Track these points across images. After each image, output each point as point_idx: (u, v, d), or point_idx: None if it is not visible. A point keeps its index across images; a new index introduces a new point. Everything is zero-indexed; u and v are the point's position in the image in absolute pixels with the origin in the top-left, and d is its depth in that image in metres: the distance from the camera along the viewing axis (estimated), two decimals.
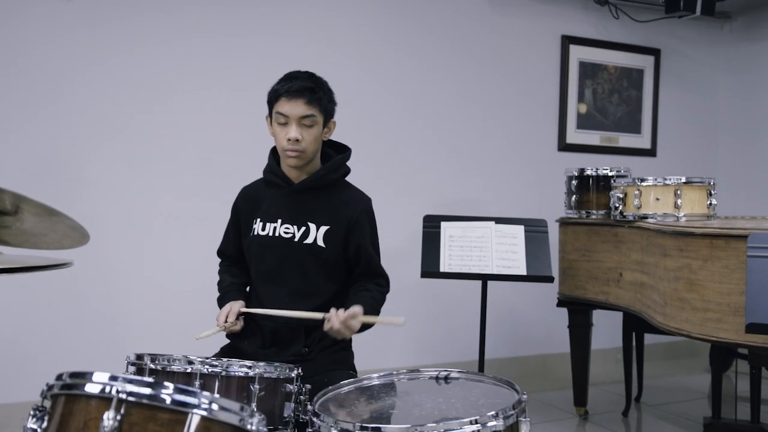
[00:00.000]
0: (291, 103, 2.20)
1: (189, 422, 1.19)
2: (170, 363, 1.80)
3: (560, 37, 4.74)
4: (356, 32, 4.15)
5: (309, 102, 2.21)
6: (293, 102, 2.20)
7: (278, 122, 2.23)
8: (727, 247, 2.42)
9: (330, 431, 1.56)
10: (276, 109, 2.23)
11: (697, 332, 2.53)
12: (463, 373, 1.88)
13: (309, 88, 2.22)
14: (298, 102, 2.20)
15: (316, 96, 2.22)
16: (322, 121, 2.26)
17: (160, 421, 1.16)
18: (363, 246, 2.30)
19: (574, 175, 3.57)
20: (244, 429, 1.24)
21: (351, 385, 1.83)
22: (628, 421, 3.88)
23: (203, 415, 1.20)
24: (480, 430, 1.54)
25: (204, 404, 1.22)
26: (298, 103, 2.20)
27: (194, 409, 1.20)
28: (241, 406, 1.26)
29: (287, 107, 2.20)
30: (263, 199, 2.36)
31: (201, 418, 1.20)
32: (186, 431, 1.18)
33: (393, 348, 4.30)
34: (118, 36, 3.60)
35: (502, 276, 3.23)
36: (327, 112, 2.27)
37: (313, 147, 2.26)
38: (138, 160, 3.65)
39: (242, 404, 1.26)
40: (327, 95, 2.28)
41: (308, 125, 2.23)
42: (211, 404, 1.23)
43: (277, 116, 2.23)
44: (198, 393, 1.21)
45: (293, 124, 2.21)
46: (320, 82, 2.28)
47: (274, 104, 2.24)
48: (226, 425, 1.22)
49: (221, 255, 2.50)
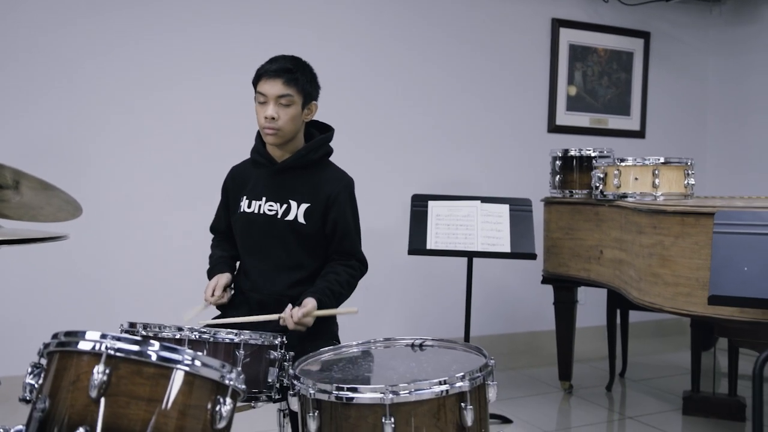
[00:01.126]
0: (269, 83, 2.31)
1: (173, 376, 1.31)
2: (161, 330, 1.91)
3: (550, 20, 4.82)
4: (348, 16, 4.24)
5: (286, 82, 2.31)
6: (271, 82, 2.31)
7: (258, 101, 2.35)
8: (697, 224, 2.53)
9: (309, 392, 1.68)
10: (257, 89, 2.35)
11: (668, 306, 2.64)
12: (437, 340, 2.00)
13: (287, 69, 2.33)
14: (276, 82, 2.31)
15: (293, 76, 2.33)
16: (301, 102, 2.35)
17: (146, 374, 1.27)
18: (340, 222, 2.40)
19: (558, 155, 3.67)
20: (223, 384, 1.35)
21: (330, 352, 1.94)
22: (611, 395, 4.00)
23: (186, 370, 1.32)
24: (448, 390, 1.66)
25: (187, 360, 1.33)
26: (276, 83, 2.31)
27: (178, 364, 1.32)
28: (221, 363, 1.37)
29: (266, 87, 2.32)
30: (250, 177, 2.48)
31: (185, 373, 1.32)
32: (170, 385, 1.29)
33: (384, 324, 4.42)
34: (119, 22, 3.70)
35: (487, 253, 3.35)
36: (306, 93, 2.36)
37: (290, 126, 2.35)
38: (135, 141, 3.76)
39: (223, 362, 1.37)
40: (306, 77, 2.37)
41: (285, 104, 2.32)
42: (194, 361, 1.35)
43: (257, 95, 2.34)
44: (182, 350, 1.33)
45: (271, 102, 2.32)
46: (301, 64, 2.38)
47: (256, 84, 2.35)
48: (207, 380, 1.34)
49: (213, 231, 2.62)
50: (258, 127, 2.40)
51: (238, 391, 1.40)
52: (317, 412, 1.67)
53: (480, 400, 1.75)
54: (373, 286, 4.35)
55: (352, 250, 2.45)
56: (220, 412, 1.33)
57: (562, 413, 3.75)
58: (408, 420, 1.62)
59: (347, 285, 2.39)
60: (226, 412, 1.34)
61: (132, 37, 3.73)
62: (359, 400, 1.63)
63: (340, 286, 2.36)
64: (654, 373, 4.41)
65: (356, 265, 2.44)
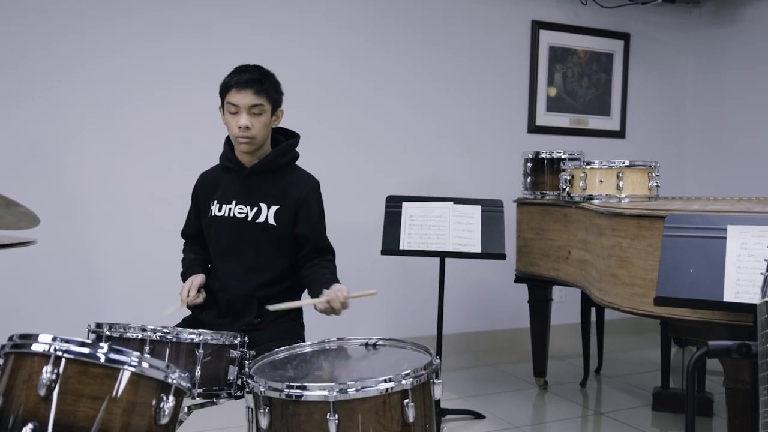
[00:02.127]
0: (241, 94, 2.42)
1: (120, 376, 1.41)
2: (126, 330, 2.01)
3: (530, 22, 4.90)
4: (326, 18, 4.31)
5: (257, 92, 2.43)
6: (243, 92, 2.42)
7: (230, 111, 2.45)
8: (652, 226, 2.61)
9: (260, 390, 1.78)
10: (227, 100, 2.45)
11: (626, 306, 2.73)
12: (389, 340, 2.10)
13: (257, 79, 2.44)
14: (246, 92, 2.42)
15: (263, 87, 2.45)
16: (270, 110, 2.47)
17: (92, 374, 1.37)
18: (312, 221, 2.53)
19: (530, 157, 3.75)
20: (166, 383, 1.45)
21: (286, 352, 2.04)
22: (585, 392, 4.10)
23: (132, 370, 1.42)
24: (393, 388, 1.75)
25: (134, 362, 1.43)
26: (246, 94, 2.42)
27: (125, 365, 1.42)
28: (166, 365, 1.47)
29: (237, 97, 2.42)
30: (219, 182, 2.59)
31: (131, 373, 1.42)
32: (117, 384, 1.39)
33: (364, 322, 4.51)
34: (102, 28, 3.78)
35: (458, 253, 3.44)
36: (274, 101, 2.49)
37: (263, 134, 2.48)
38: (115, 145, 3.85)
39: (167, 363, 1.47)
40: (274, 86, 2.49)
41: (257, 113, 2.44)
42: (141, 362, 1.44)
43: (228, 106, 2.45)
44: (129, 353, 1.43)
45: (243, 112, 2.43)
46: (267, 74, 2.50)
47: (226, 95, 2.46)
48: (152, 379, 1.44)
49: (184, 236, 2.73)
50: (230, 136, 2.51)
51: (182, 389, 1.49)
52: (267, 408, 1.77)
53: (424, 398, 1.85)
54: (353, 284, 4.46)
55: (327, 245, 2.60)
56: (163, 409, 1.43)
57: (534, 409, 3.84)
58: (352, 416, 1.71)
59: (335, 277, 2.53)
60: (169, 409, 1.44)
61: (115, 43, 3.82)
62: (307, 398, 1.72)
63: (334, 277, 2.51)
64: (629, 369, 4.50)
65: (332, 259, 2.60)
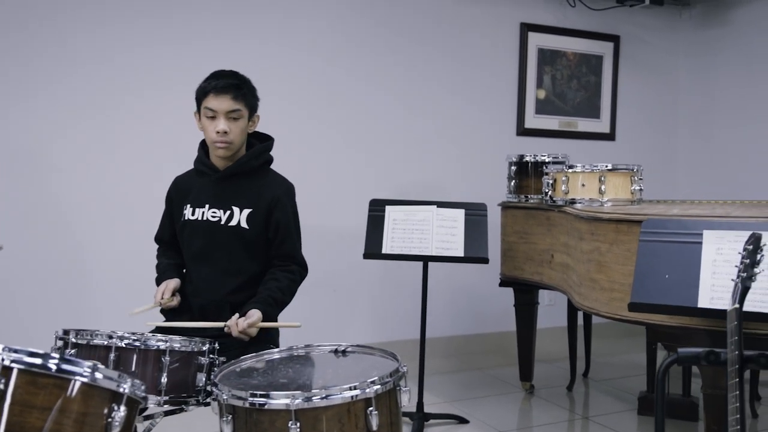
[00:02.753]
0: (218, 99, 2.42)
1: (71, 387, 1.39)
2: (93, 337, 2.00)
3: (519, 24, 4.88)
4: (312, 20, 4.30)
5: (235, 97, 2.43)
6: (221, 98, 2.42)
7: (207, 116, 2.45)
8: (630, 231, 2.60)
9: (223, 398, 1.77)
10: (205, 105, 2.45)
11: (604, 311, 2.71)
12: (358, 347, 2.08)
13: (235, 84, 2.45)
14: (224, 98, 2.42)
15: (241, 92, 2.45)
16: (247, 115, 2.48)
17: (41, 384, 1.36)
18: (281, 225, 2.51)
19: (514, 161, 3.74)
20: (118, 392, 1.44)
21: (253, 359, 2.03)
22: (572, 395, 4.08)
23: (84, 381, 1.40)
24: (358, 395, 1.74)
25: (86, 372, 1.42)
26: (224, 99, 2.42)
27: (76, 376, 1.40)
28: (118, 374, 1.46)
29: (215, 103, 2.42)
30: (193, 186, 2.58)
31: (82, 383, 1.40)
32: (68, 394, 1.38)
33: (352, 326, 4.51)
34: (88, 33, 3.77)
35: (441, 257, 3.43)
36: (251, 106, 2.50)
37: (240, 139, 2.48)
38: (101, 150, 3.84)
39: (120, 372, 1.45)
40: (251, 91, 2.50)
41: (235, 118, 2.45)
42: (94, 373, 1.43)
43: (205, 111, 2.45)
44: (81, 363, 1.41)
45: (221, 117, 2.43)
46: (244, 79, 2.51)
47: (203, 100, 2.46)
48: (104, 390, 1.43)
49: (158, 241, 2.71)
50: (207, 140, 2.50)
51: (135, 399, 1.48)
52: (231, 416, 1.76)
53: (390, 405, 1.83)
54: (341, 288, 4.47)
55: (292, 253, 2.55)
56: (114, 419, 1.42)
57: (519, 413, 3.82)
58: (315, 424, 1.70)
59: (288, 290, 2.50)
60: (119, 418, 1.43)
61: (101, 47, 3.81)
62: (270, 406, 1.71)
63: (282, 293, 2.46)
64: (617, 373, 4.48)
65: (296, 270, 2.53)
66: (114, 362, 1.94)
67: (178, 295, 2.49)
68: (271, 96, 4.06)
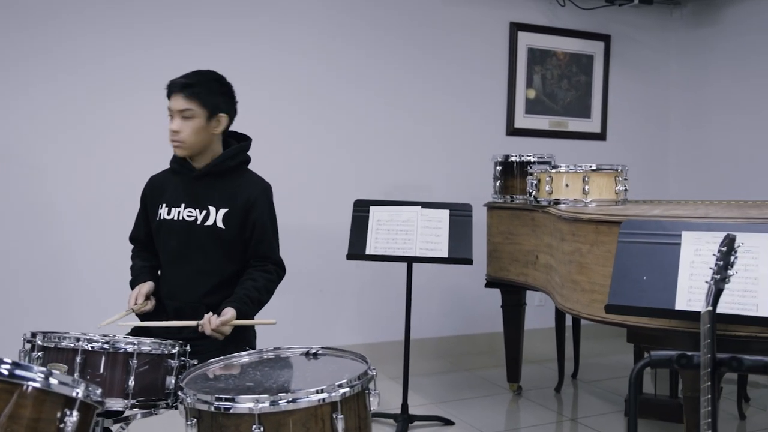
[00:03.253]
0: (173, 99, 2.42)
1: (23, 392, 1.37)
2: (60, 340, 1.97)
3: (508, 23, 4.86)
4: (301, 19, 4.28)
5: (186, 96, 2.40)
6: (174, 97, 2.42)
7: (169, 116, 2.44)
8: (610, 232, 2.57)
9: (187, 402, 1.74)
10: (168, 105, 2.44)
11: (585, 312, 2.69)
12: (329, 349, 2.06)
13: (187, 84, 2.41)
14: (177, 97, 2.41)
15: (193, 90, 2.40)
16: (205, 115, 2.42)
17: None
18: (258, 225, 2.48)
19: (499, 161, 3.71)
20: (71, 397, 1.42)
21: (222, 362, 2.01)
22: (560, 397, 4.05)
23: (36, 386, 1.38)
24: (325, 399, 1.71)
25: (39, 377, 1.40)
26: (177, 98, 2.41)
27: (29, 381, 1.38)
28: (73, 379, 1.44)
29: (171, 102, 2.43)
30: (168, 186, 2.55)
31: (34, 388, 1.38)
32: (19, 400, 1.36)
33: (339, 326, 4.49)
34: (74, 35, 3.75)
35: (425, 258, 3.40)
36: (211, 105, 2.43)
37: (194, 138, 2.42)
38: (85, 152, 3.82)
39: (74, 377, 1.43)
40: (209, 90, 2.44)
41: (187, 117, 2.41)
42: (48, 378, 1.41)
43: (168, 111, 2.44)
44: (32, 368, 1.39)
45: (175, 117, 2.42)
46: (206, 78, 2.46)
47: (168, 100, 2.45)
48: (57, 395, 1.41)
49: (133, 241, 2.68)
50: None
51: (89, 404, 1.46)
52: (195, 421, 1.74)
53: (359, 409, 1.81)
54: (329, 289, 4.45)
55: (269, 253, 2.52)
56: (66, 424, 1.40)
57: (506, 415, 3.80)
58: (278, 429, 1.68)
59: (265, 290, 2.47)
60: (72, 423, 1.41)
61: (87, 49, 3.79)
62: (236, 410, 1.69)
63: (258, 292, 2.43)
64: (606, 374, 4.45)
65: (273, 269, 2.51)
66: (81, 365, 1.91)
67: (152, 299, 2.46)
68: (258, 95, 4.08)
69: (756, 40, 4.80)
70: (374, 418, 3.53)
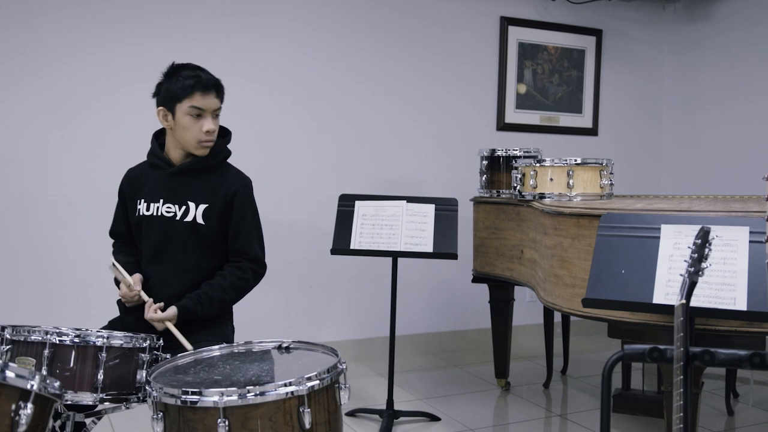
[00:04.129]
0: (206, 98, 2.37)
1: None
2: (29, 334, 1.96)
3: (499, 18, 4.83)
4: (291, 12, 4.25)
5: (218, 95, 2.41)
6: (208, 96, 2.37)
7: (191, 114, 2.36)
8: (591, 226, 2.55)
9: (154, 396, 1.73)
10: (191, 103, 2.35)
11: (567, 307, 2.67)
12: (301, 343, 2.04)
13: (219, 83, 2.42)
14: (211, 95, 2.38)
15: (222, 90, 2.44)
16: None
17: None
18: (237, 218, 2.46)
19: (485, 155, 3.69)
20: (26, 390, 1.40)
21: (191, 356, 1.99)
22: (548, 393, 4.03)
23: None
24: (294, 392, 1.69)
25: None
26: (211, 97, 2.38)
27: None
28: (30, 371, 1.42)
29: (203, 101, 2.36)
30: (146, 180, 2.52)
31: None
32: None
33: (329, 322, 4.47)
34: (59, 32, 3.73)
35: (409, 253, 3.38)
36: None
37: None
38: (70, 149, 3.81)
39: (31, 370, 1.41)
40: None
41: (217, 116, 2.43)
42: (4, 371, 1.39)
43: (190, 109, 2.36)
44: None
45: (209, 116, 2.38)
46: None
47: (185, 98, 2.35)
48: (11, 387, 1.39)
49: (113, 235, 2.66)
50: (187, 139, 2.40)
51: (46, 396, 1.44)
52: (162, 414, 1.72)
53: (328, 403, 1.79)
54: (318, 284, 4.43)
55: (245, 249, 2.47)
56: (21, 417, 1.38)
57: (493, 411, 3.78)
58: (243, 422, 1.66)
59: (233, 289, 2.42)
60: (25, 416, 1.39)
61: (71, 46, 3.77)
62: (202, 404, 1.67)
63: (224, 292, 2.40)
64: (595, 370, 4.43)
65: (248, 267, 2.47)
66: (49, 359, 1.90)
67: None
68: (245, 88, 4.06)
69: (749, 34, 4.77)
70: (359, 413, 3.53)
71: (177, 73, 2.39)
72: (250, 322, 3.26)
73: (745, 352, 1.76)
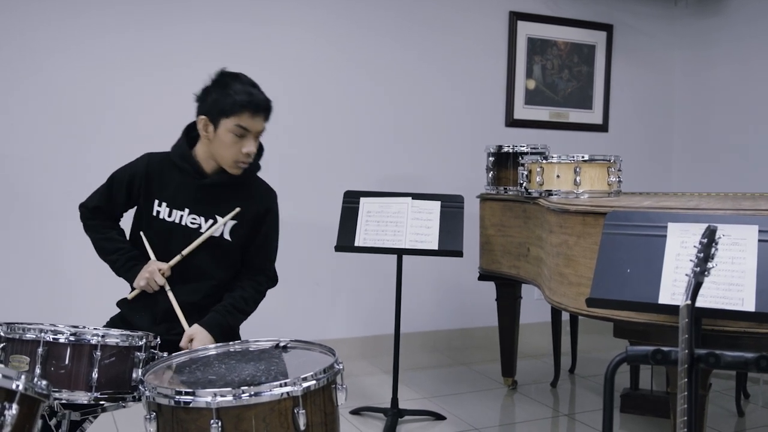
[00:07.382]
0: (255, 119, 2.26)
1: None
2: (24, 332, 1.94)
3: (508, 13, 4.78)
4: (296, 7, 4.22)
5: (266, 118, 2.32)
6: (257, 118, 2.26)
7: (235, 133, 2.25)
8: (596, 224, 2.50)
9: (147, 396, 1.70)
10: (237, 122, 2.23)
11: (572, 306, 2.62)
12: (298, 342, 2.01)
13: (269, 105, 2.31)
14: (260, 118, 2.28)
15: (271, 112, 2.33)
16: None
17: None
18: (263, 235, 2.42)
19: (492, 151, 3.64)
20: (11, 390, 1.38)
21: (186, 356, 1.96)
22: (555, 392, 3.99)
23: None
24: (290, 392, 1.66)
25: None
26: (259, 119, 2.28)
27: None
28: (17, 372, 1.39)
29: (251, 122, 2.25)
30: (170, 182, 2.37)
31: None
32: None
33: (335, 320, 4.44)
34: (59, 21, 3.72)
35: (414, 251, 3.34)
36: None
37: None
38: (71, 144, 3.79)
39: (17, 371, 1.39)
40: None
41: (259, 137, 2.34)
42: None
43: (236, 128, 2.24)
44: None
45: (252, 138, 2.29)
46: None
47: (233, 114, 2.23)
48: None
49: (96, 211, 2.45)
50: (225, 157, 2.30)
51: (33, 397, 1.42)
52: (155, 414, 1.69)
53: (324, 403, 1.76)
54: (323, 282, 4.40)
55: (265, 267, 2.46)
56: (5, 417, 1.36)
57: (499, 410, 3.74)
58: (236, 423, 1.63)
59: (252, 300, 2.41)
60: (10, 416, 1.37)
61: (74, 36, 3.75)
62: (195, 404, 1.64)
63: (245, 303, 2.38)
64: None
65: (263, 281, 2.45)
66: (43, 357, 1.88)
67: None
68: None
69: (762, 29, 4.69)
70: (363, 412, 3.50)
71: (229, 86, 2.25)
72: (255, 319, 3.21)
73: (752, 354, 1.72)
